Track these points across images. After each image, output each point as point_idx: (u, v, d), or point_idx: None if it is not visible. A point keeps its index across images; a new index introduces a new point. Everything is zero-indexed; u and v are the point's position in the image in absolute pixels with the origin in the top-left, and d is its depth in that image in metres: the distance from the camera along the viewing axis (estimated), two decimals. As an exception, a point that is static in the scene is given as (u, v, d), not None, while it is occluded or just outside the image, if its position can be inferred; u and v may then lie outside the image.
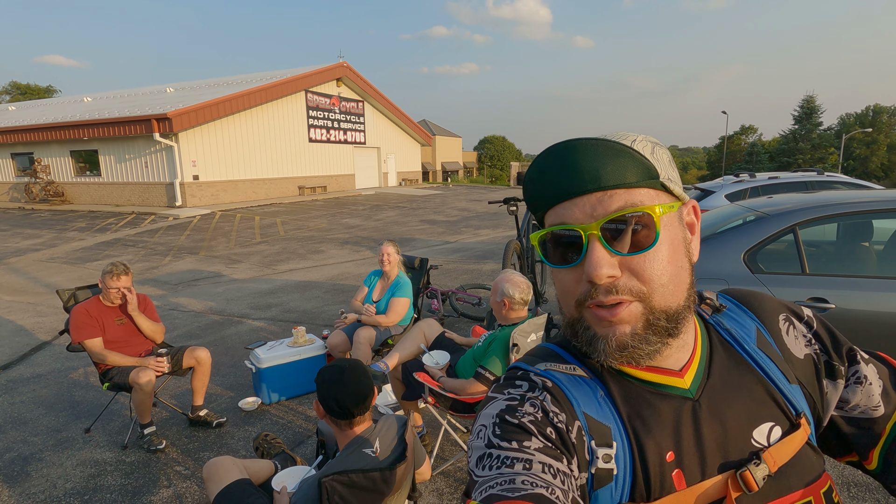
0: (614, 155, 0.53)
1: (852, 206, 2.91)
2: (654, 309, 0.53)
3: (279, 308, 5.95)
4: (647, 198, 0.54)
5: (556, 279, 0.58)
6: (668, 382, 0.58)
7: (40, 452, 2.98)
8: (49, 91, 46.54)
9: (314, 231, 12.21)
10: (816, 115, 40.10)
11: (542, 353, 0.64)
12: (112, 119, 15.81)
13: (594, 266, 0.51)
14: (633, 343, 0.53)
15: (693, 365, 0.59)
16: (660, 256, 0.53)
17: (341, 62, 21.79)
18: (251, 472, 1.75)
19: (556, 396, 0.57)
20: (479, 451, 0.53)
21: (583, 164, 0.53)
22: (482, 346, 2.55)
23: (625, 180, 0.53)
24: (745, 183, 7.18)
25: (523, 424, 0.54)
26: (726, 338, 0.64)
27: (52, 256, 9.48)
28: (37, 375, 4.12)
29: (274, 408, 3.47)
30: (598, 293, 0.53)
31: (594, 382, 0.59)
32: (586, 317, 0.55)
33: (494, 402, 0.58)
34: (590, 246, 0.52)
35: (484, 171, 49.61)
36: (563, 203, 0.54)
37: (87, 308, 3.05)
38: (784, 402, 0.59)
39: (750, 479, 0.53)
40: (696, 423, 0.56)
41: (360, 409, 1.49)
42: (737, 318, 0.66)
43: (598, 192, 0.53)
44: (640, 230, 0.52)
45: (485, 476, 0.51)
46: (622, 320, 0.53)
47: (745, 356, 0.62)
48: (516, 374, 0.61)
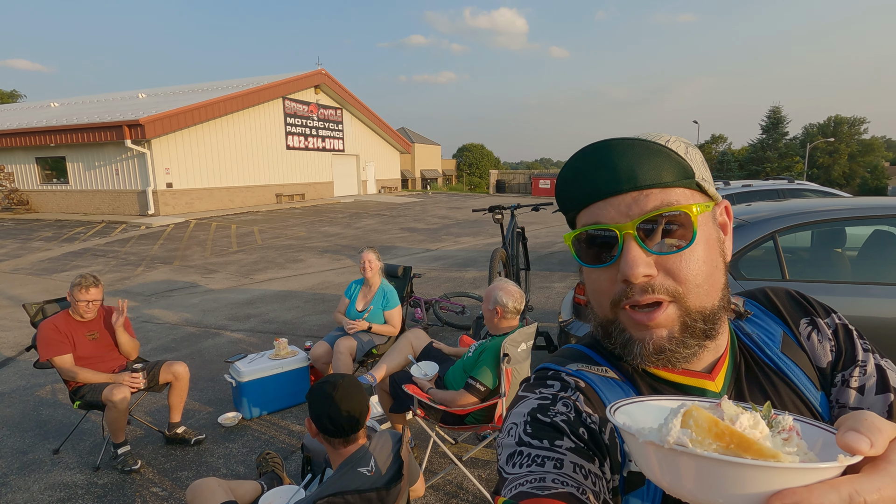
0: (650, 154, 0.53)
1: (828, 214, 2.99)
2: (690, 310, 0.53)
3: (258, 319, 5.81)
4: (683, 197, 0.54)
5: (590, 279, 0.57)
6: (699, 385, 0.58)
7: (5, 476, 2.81)
8: (13, 96, 44.91)
9: (293, 239, 12.02)
10: (783, 125, 41.58)
11: (572, 354, 0.63)
12: (81, 125, 15.32)
13: (631, 265, 0.51)
14: (670, 346, 0.53)
15: (723, 367, 0.59)
16: (695, 256, 0.53)
17: (319, 69, 21.64)
18: (237, 494, 1.67)
19: (590, 397, 0.56)
20: (509, 449, 0.53)
21: (619, 164, 0.53)
22: (472, 356, 2.52)
23: (661, 180, 0.53)
24: (720, 191, 7.36)
25: (555, 423, 0.53)
26: (748, 343, 0.63)
27: (16, 267, 9.07)
28: (0, 394, 3.90)
29: (255, 423, 3.36)
30: (633, 292, 0.52)
31: (626, 385, 0.59)
32: (621, 318, 0.55)
33: (526, 400, 0.57)
34: (625, 245, 0.52)
35: (463, 178, 49.83)
36: (598, 203, 0.54)
37: (56, 323, 2.91)
38: (812, 408, 0.59)
39: None
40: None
41: (355, 427, 1.44)
42: (762, 322, 0.65)
43: (633, 191, 0.53)
44: (677, 229, 0.52)
45: (515, 473, 0.50)
46: (659, 324, 0.52)
47: (767, 361, 0.61)
48: (547, 374, 0.60)
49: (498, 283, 2.51)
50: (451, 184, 45.57)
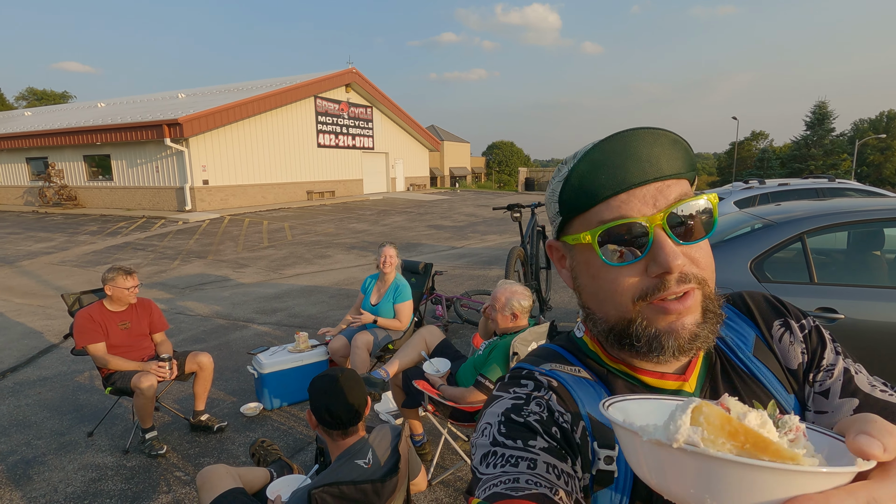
0: (671, 144, 0.53)
1: (863, 214, 2.85)
2: (709, 295, 0.54)
3: (284, 313, 5.97)
4: (689, 188, 0.54)
5: (606, 278, 0.54)
6: (672, 386, 0.58)
7: (43, 456, 2.99)
8: (64, 97, 47.39)
9: (321, 236, 12.26)
10: (829, 121, 39.63)
11: (545, 354, 0.64)
12: (124, 124, 16.03)
13: (671, 256, 0.50)
14: (700, 332, 0.53)
15: (696, 368, 0.59)
16: (706, 243, 0.54)
17: (350, 68, 21.93)
18: (245, 481, 1.73)
19: (562, 396, 0.56)
20: (483, 449, 0.53)
21: (643, 153, 0.52)
22: (483, 354, 2.53)
23: (679, 170, 0.53)
24: (754, 189, 7.09)
25: (529, 423, 0.53)
26: (720, 345, 0.63)
27: (64, 259, 9.59)
28: (43, 378, 4.15)
29: (276, 413, 3.47)
30: (670, 285, 0.51)
31: (598, 385, 0.59)
32: (646, 314, 0.53)
33: (500, 400, 0.57)
34: (657, 237, 0.51)
35: (492, 176, 49.63)
36: (620, 196, 0.52)
37: (91, 313, 3.07)
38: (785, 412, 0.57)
39: None
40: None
41: (352, 420, 1.47)
42: (735, 325, 0.65)
43: (657, 181, 0.52)
44: (700, 218, 0.53)
45: (489, 474, 0.50)
46: (689, 309, 0.52)
47: (738, 364, 0.61)
48: (521, 374, 0.60)
49: (506, 288, 2.50)
50: (480, 181, 45.45)
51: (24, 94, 46.74)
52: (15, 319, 5.87)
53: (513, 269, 4.33)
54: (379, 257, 3.72)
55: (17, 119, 24.69)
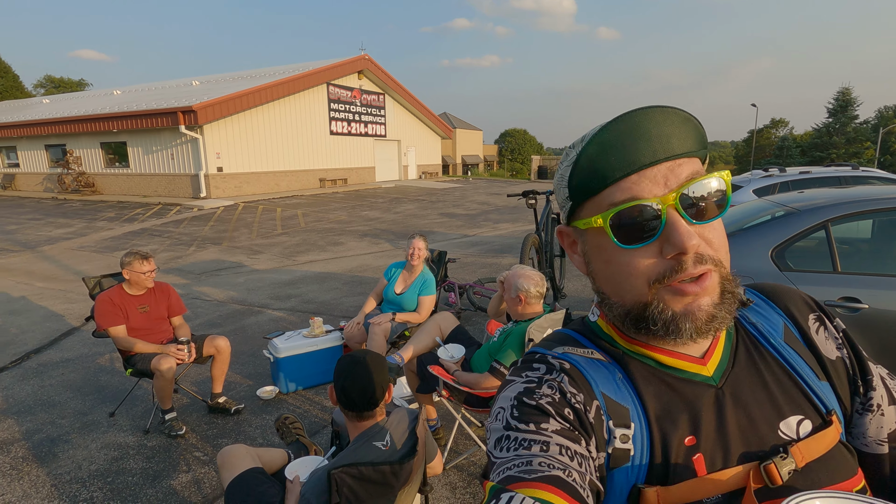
0: (682, 122, 0.52)
1: (889, 202, 2.78)
2: (726, 276, 0.53)
3: (298, 299, 6.02)
4: (700, 167, 0.53)
5: (620, 262, 0.53)
6: (690, 369, 0.57)
7: (67, 434, 3.07)
8: (81, 84, 47.90)
9: (334, 223, 12.31)
10: (852, 108, 38.53)
11: (559, 338, 0.64)
12: (140, 112, 16.17)
13: (685, 237, 0.49)
14: (718, 313, 0.52)
15: (717, 353, 0.59)
16: (719, 224, 0.53)
17: (363, 55, 21.82)
18: (264, 461, 1.76)
19: (574, 377, 0.56)
20: (497, 434, 0.53)
21: (653, 132, 0.51)
22: (497, 340, 2.52)
23: (689, 148, 0.52)
24: (773, 178, 6.95)
25: (541, 406, 0.53)
26: (752, 331, 0.62)
27: (83, 245, 9.77)
28: (66, 360, 4.25)
29: (291, 397, 3.51)
30: (686, 266, 0.50)
31: (612, 366, 0.58)
32: (663, 297, 0.52)
33: (513, 384, 0.57)
34: (670, 218, 0.50)
35: (504, 164, 49.27)
36: (630, 177, 0.51)
37: (111, 296, 3.12)
38: (814, 398, 0.57)
39: (774, 472, 0.52)
40: (720, 411, 0.55)
41: (367, 405, 1.48)
42: (763, 312, 0.64)
43: (668, 161, 0.51)
44: (712, 197, 0.52)
45: (502, 458, 0.50)
46: (707, 290, 0.51)
47: (770, 350, 0.60)
48: (534, 358, 0.61)
49: (516, 271, 2.49)
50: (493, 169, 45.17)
51: (42, 82, 47.34)
52: (37, 303, 6.01)
53: (527, 257, 4.31)
54: (408, 248, 3.69)
55: (35, 107, 25.05)
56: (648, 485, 0.53)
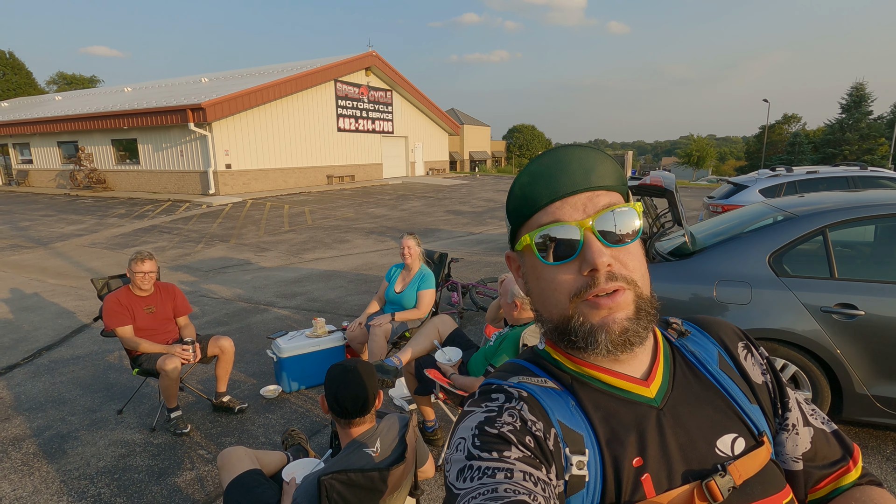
0: (601, 160, 0.60)
1: (888, 209, 2.76)
2: (641, 295, 0.58)
3: (304, 297, 6.10)
4: (620, 200, 0.61)
5: (546, 278, 0.60)
6: (634, 390, 0.61)
7: (76, 431, 3.16)
8: (93, 81, 48.40)
9: (341, 220, 12.39)
10: (866, 104, 37.89)
11: (512, 369, 0.67)
12: (150, 109, 16.35)
13: (597, 254, 0.56)
14: (631, 327, 0.57)
15: (657, 375, 0.63)
16: (637, 249, 0.60)
17: (370, 51, 21.84)
18: (263, 463, 1.82)
19: (532, 406, 0.59)
20: (459, 464, 0.54)
21: (575, 167, 0.59)
22: (493, 344, 2.56)
23: (607, 183, 0.60)
24: (780, 177, 6.89)
25: (503, 434, 0.55)
26: (690, 359, 0.67)
27: (94, 242, 9.94)
28: (76, 357, 4.36)
29: (294, 396, 3.58)
30: (599, 281, 0.56)
31: (565, 393, 0.61)
32: (581, 310, 0.57)
33: (472, 415, 0.59)
34: (587, 239, 0.57)
35: (512, 160, 49.10)
36: (556, 203, 0.58)
37: (118, 297, 3.20)
38: (746, 420, 0.62)
39: (715, 489, 0.56)
40: (661, 431, 0.59)
41: (358, 412, 1.53)
42: (700, 342, 0.70)
43: (588, 191, 0.59)
44: (625, 225, 0.58)
45: (466, 488, 0.51)
46: (620, 306, 0.56)
47: (707, 375, 0.65)
48: (491, 388, 0.63)
49: (512, 276, 2.52)
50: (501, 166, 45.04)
51: (54, 79, 47.91)
52: (49, 300, 6.14)
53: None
54: (400, 249, 3.77)
55: (48, 104, 25.38)
56: None
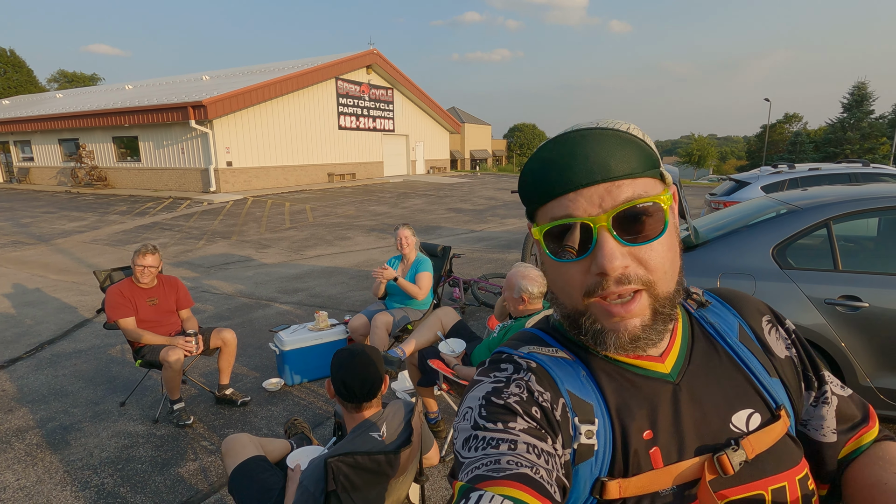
0: (622, 144, 0.53)
1: (892, 201, 2.76)
2: (660, 296, 0.54)
3: (305, 293, 6.10)
4: (650, 187, 0.54)
5: (558, 272, 0.57)
6: (649, 367, 0.60)
7: (79, 423, 3.17)
8: (94, 79, 48.40)
9: (342, 218, 12.39)
10: (868, 103, 37.84)
11: (525, 338, 0.66)
12: (151, 106, 16.34)
13: (608, 258, 0.51)
14: (643, 335, 0.54)
15: (674, 350, 0.61)
16: (663, 244, 0.54)
17: (371, 49, 21.83)
18: (267, 450, 1.82)
19: (541, 376, 0.58)
20: (465, 433, 0.55)
21: (592, 154, 0.52)
22: (497, 336, 2.56)
23: (631, 170, 0.53)
24: (782, 174, 6.89)
25: (509, 405, 0.55)
26: (709, 330, 0.65)
27: (95, 238, 9.94)
28: (78, 351, 4.36)
29: (296, 389, 3.58)
30: (609, 284, 0.52)
31: (576, 363, 0.60)
32: (593, 310, 0.55)
33: (480, 384, 0.59)
34: (600, 238, 0.52)
35: (513, 159, 49.07)
36: (569, 194, 0.53)
37: (121, 289, 3.20)
38: (764, 393, 0.61)
39: (726, 462, 0.55)
40: (676, 406, 0.58)
41: (367, 396, 1.53)
42: (720, 313, 0.68)
43: (606, 182, 0.52)
44: (649, 220, 0.53)
45: (471, 457, 0.52)
46: (633, 313, 0.53)
47: (726, 348, 0.64)
48: (501, 358, 0.62)
49: (518, 271, 2.52)
50: (501, 164, 45.02)
51: (55, 77, 47.92)
52: (51, 295, 6.15)
53: (529, 253, 4.33)
54: (396, 241, 3.79)
55: (49, 101, 25.38)
56: (611, 477, 0.55)
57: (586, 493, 0.56)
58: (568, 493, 0.54)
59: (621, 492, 0.54)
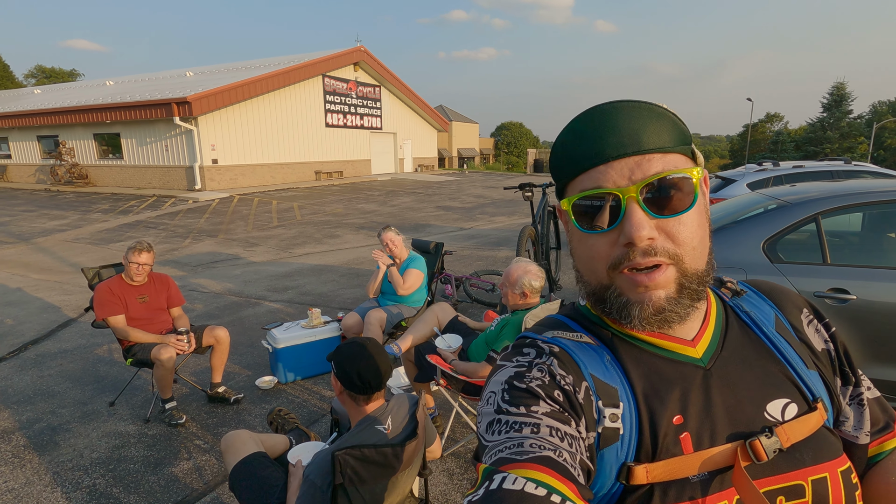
0: (655, 118, 0.53)
1: (878, 196, 2.83)
2: (687, 272, 0.54)
3: (295, 291, 6.04)
4: (681, 162, 0.55)
5: (585, 245, 0.57)
6: (679, 350, 0.59)
7: (68, 423, 3.10)
8: (73, 75, 47.34)
9: (330, 216, 12.30)
10: (846, 103, 38.71)
11: (549, 323, 0.66)
12: (133, 102, 16.03)
13: (636, 227, 0.52)
14: (668, 307, 0.54)
15: (706, 335, 0.61)
16: (692, 220, 0.54)
17: (359, 46, 21.68)
18: (267, 447, 1.80)
19: (564, 360, 0.58)
20: (488, 417, 0.55)
21: (624, 127, 0.53)
22: (495, 330, 2.57)
23: (662, 144, 0.53)
24: (767, 172, 7.01)
25: (531, 389, 0.55)
26: (745, 319, 0.64)
27: (77, 237, 9.73)
28: (64, 351, 4.27)
29: (290, 387, 3.55)
30: (636, 255, 0.53)
31: (601, 348, 0.60)
32: (618, 283, 0.55)
33: (503, 369, 0.59)
34: (628, 209, 0.53)
35: (501, 157, 49.20)
36: (600, 167, 0.54)
37: (110, 286, 3.14)
38: (801, 384, 0.59)
39: (759, 448, 0.53)
40: (707, 391, 0.57)
41: (380, 385, 1.53)
42: (756, 304, 0.67)
43: (636, 155, 0.53)
44: (678, 193, 0.53)
45: (494, 440, 0.52)
46: (658, 285, 0.53)
47: (762, 337, 0.63)
48: (524, 342, 0.62)
49: (520, 266, 2.52)
50: (489, 163, 45.11)
51: (33, 72, 46.77)
52: (33, 294, 6.00)
53: (524, 249, 4.35)
54: (384, 246, 3.77)
55: (27, 97, 24.75)
56: (637, 462, 0.54)
57: (612, 478, 0.55)
58: (593, 476, 0.54)
59: (648, 477, 0.53)
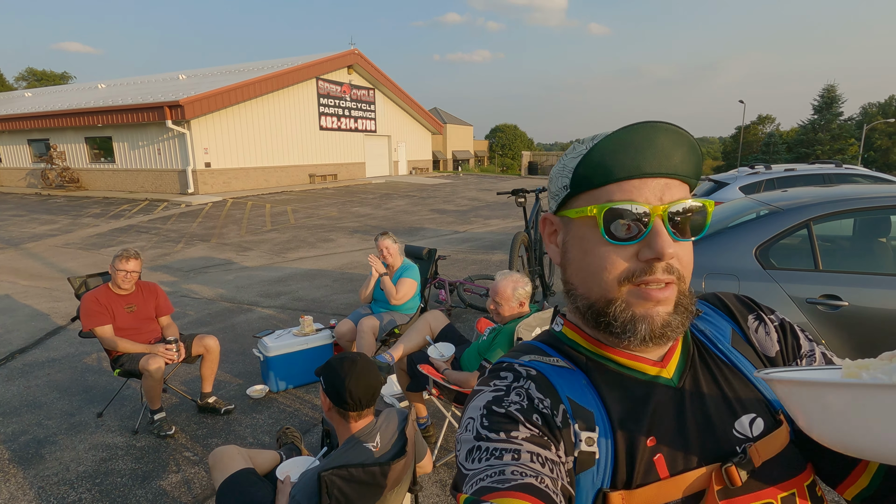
0: (689, 148, 0.56)
1: (870, 202, 2.84)
2: (683, 291, 0.57)
3: (288, 296, 6.00)
4: (688, 193, 0.59)
5: (598, 255, 0.57)
6: (650, 371, 0.60)
7: (54, 436, 3.05)
8: (64, 77, 46.97)
9: (324, 219, 12.25)
10: (837, 105, 39.10)
11: (525, 349, 0.67)
12: (125, 106, 15.92)
13: (664, 245, 0.54)
14: (672, 321, 0.56)
15: (675, 356, 0.62)
16: (691, 245, 0.59)
17: (353, 49, 21.66)
18: (256, 462, 1.77)
19: (540, 384, 0.58)
20: (468, 445, 0.54)
21: (666, 148, 0.55)
22: (487, 339, 2.55)
23: (687, 173, 0.57)
24: (759, 175, 7.04)
25: (510, 413, 0.55)
26: (701, 338, 0.66)
27: (68, 242, 9.63)
28: (52, 360, 4.21)
29: (281, 396, 3.51)
30: (656, 271, 0.54)
31: (577, 373, 0.61)
32: (626, 297, 0.56)
33: (481, 394, 0.59)
34: (656, 226, 0.54)
35: (495, 160, 49.26)
36: (633, 181, 0.55)
37: (97, 296, 3.09)
38: (763, 397, 0.61)
39: (734, 474, 0.54)
40: (679, 411, 0.58)
41: (370, 402, 1.51)
42: (712, 320, 0.69)
43: (666, 177, 0.56)
44: (696, 220, 0.57)
45: (475, 469, 0.51)
46: (668, 299, 0.55)
47: (719, 354, 0.64)
48: (501, 367, 0.63)
49: (508, 280, 2.51)
50: (483, 165, 45.17)
51: (23, 75, 46.37)
52: (22, 301, 5.93)
53: (517, 254, 4.34)
54: (378, 251, 3.74)
55: (17, 100, 24.53)
56: (613, 489, 0.54)
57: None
58: (573, 502, 0.54)
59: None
